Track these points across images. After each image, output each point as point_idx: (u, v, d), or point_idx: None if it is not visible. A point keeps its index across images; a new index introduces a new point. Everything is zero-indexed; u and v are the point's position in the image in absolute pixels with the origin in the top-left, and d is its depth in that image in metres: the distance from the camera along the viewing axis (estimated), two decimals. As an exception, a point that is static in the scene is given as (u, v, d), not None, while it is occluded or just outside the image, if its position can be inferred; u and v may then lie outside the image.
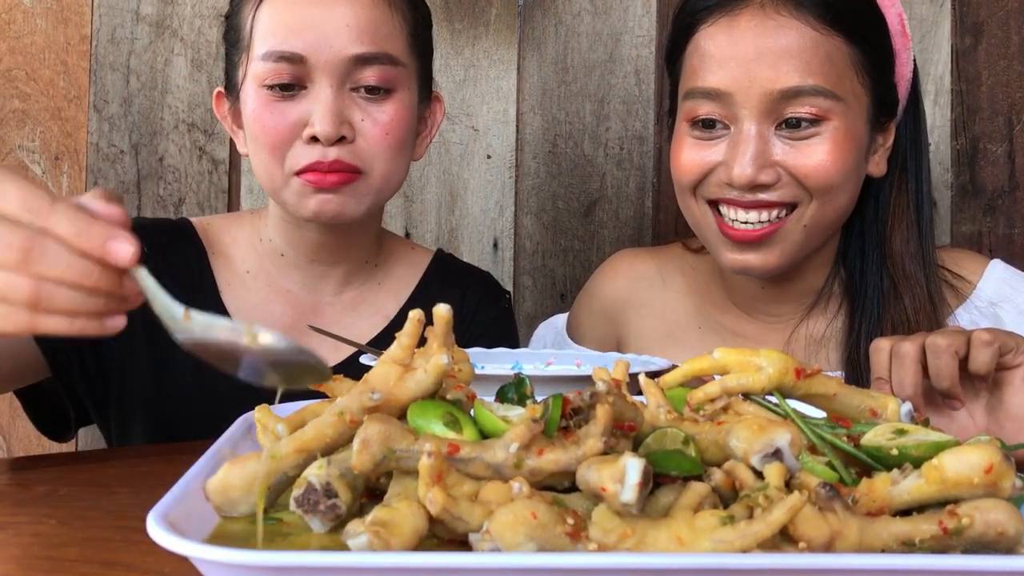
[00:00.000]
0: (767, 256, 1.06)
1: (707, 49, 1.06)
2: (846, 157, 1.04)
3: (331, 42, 1.11)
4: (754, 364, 0.63)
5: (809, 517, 0.51)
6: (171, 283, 1.26)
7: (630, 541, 0.51)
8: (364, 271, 1.30)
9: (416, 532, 0.52)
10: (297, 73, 1.12)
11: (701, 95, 1.06)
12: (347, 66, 1.12)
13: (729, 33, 1.04)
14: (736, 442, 0.57)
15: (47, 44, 1.65)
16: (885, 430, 0.59)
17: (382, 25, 1.14)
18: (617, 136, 1.70)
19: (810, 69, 1.01)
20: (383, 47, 1.14)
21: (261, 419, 0.65)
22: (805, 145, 1.03)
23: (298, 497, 0.55)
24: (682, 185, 1.10)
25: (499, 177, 1.70)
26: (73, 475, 0.87)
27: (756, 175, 1.02)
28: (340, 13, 1.12)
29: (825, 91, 1.02)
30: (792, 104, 1.02)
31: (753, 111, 1.03)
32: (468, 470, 0.56)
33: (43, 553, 0.63)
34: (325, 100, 1.11)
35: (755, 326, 1.19)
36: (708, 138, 1.07)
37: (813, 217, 1.05)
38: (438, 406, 0.60)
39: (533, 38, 1.70)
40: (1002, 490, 0.53)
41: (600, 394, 0.57)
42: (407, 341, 0.61)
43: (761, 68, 1.02)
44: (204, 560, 0.50)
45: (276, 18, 1.13)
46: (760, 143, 1.02)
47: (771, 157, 1.03)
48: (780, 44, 1.02)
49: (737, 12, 1.04)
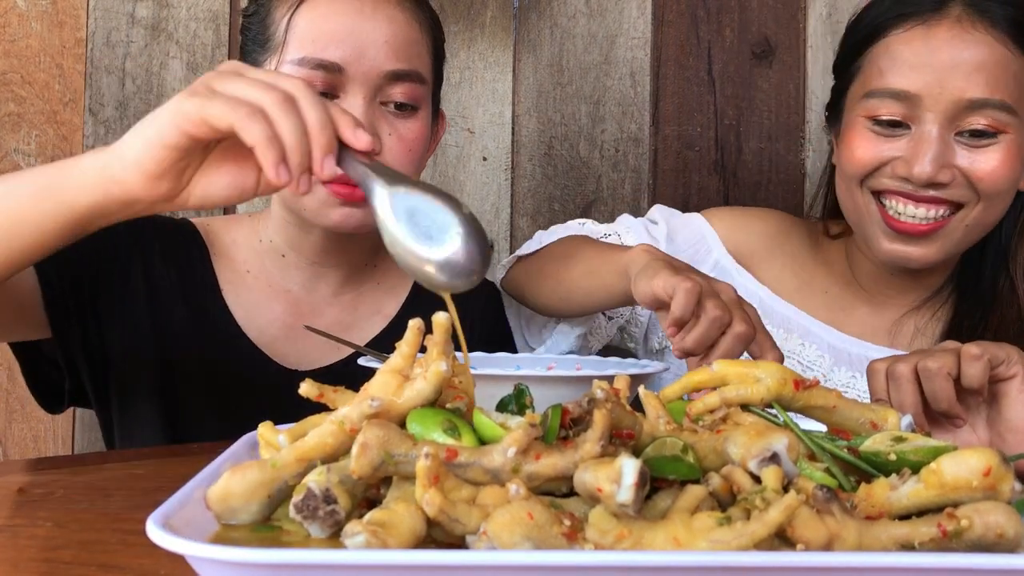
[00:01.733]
0: (927, 250, 1.13)
1: (900, 53, 1.12)
2: (1016, 168, 1.12)
3: (369, 56, 1.13)
4: (752, 376, 0.64)
5: (807, 519, 0.51)
6: (177, 280, 1.26)
7: (627, 542, 0.51)
8: (363, 272, 1.31)
9: (414, 533, 0.52)
10: (332, 82, 1.13)
11: (889, 95, 1.12)
12: (381, 81, 1.14)
13: (926, 40, 1.11)
14: (734, 448, 0.57)
15: (42, 47, 1.65)
16: (884, 438, 0.59)
17: (414, 44, 1.18)
18: (612, 138, 1.70)
19: (998, 84, 1.09)
20: (414, 65, 1.17)
21: (265, 435, 0.65)
22: (982, 152, 1.10)
23: (297, 503, 0.56)
24: (852, 175, 1.16)
25: (495, 179, 1.70)
26: (69, 478, 0.87)
27: (935, 174, 1.09)
28: (380, 29, 1.14)
29: (1008, 107, 1.10)
30: (975, 114, 1.09)
31: (939, 115, 1.09)
32: (466, 475, 0.56)
33: (39, 556, 0.63)
34: (358, 112, 1.12)
35: (869, 307, 1.26)
36: (888, 135, 1.13)
37: (976, 218, 1.13)
38: (437, 413, 0.60)
39: (528, 40, 1.70)
40: (1001, 494, 0.53)
41: (598, 400, 0.57)
42: (407, 350, 0.62)
43: (954, 77, 1.09)
44: (200, 558, 0.50)
45: (317, 25, 1.14)
46: (941, 145, 1.09)
47: (950, 160, 1.10)
48: (974, 56, 1.09)
49: (936, 22, 1.11)
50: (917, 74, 1.10)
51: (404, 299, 1.31)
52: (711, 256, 1.31)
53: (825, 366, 1.23)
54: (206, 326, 1.23)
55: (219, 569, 0.50)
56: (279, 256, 1.27)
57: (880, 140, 1.13)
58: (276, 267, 1.27)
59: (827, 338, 1.25)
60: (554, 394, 0.84)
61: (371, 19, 1.14)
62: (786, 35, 1.69)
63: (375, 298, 1.31)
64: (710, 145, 1.71)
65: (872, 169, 1.13)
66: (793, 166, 1.70)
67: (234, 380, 1.21)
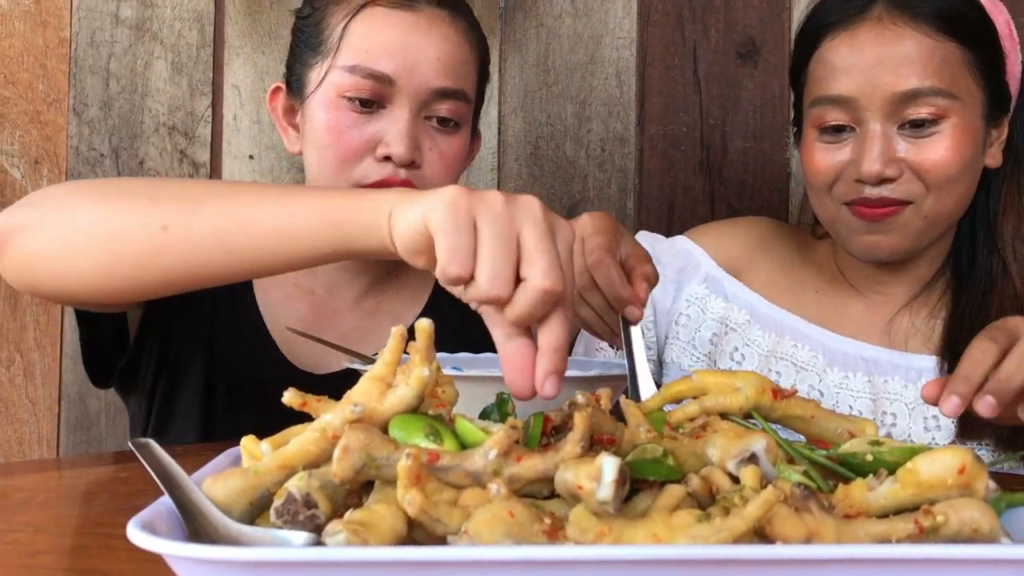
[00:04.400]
0: (893, 239, 1.15)
1: (831, 60, 1.16)
2: (964, 151, 1.13)
3: (420, 70, 1.15)
4: (731, 385, 0.65)
5: (785, 517, 0.51)
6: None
7: (607, 539, 0.51)
8: (385, 281, 1.32)
9: (394, 532, 0.53)
10: (381, 92, 1.15)
11: (828, 102, 1.15)
12: (429, 96, 1.16)
13: (851, 44, 1.14)
14: (713, 450, 0.58)
15: (25, 47, 1.64)
16: (860, 442, 0.60)
17: (463, 64, 1.20)
18: (599, 138, 1.70)
19: (927, 72, 1.11)
20: (462, 84, 1.19)
21: (248, 448, 0.65)
22: (927, 143, 1.12)
23: (278, 507, 0.56)
24: (817, 187, 1.19)
25: (481, 179, 1.70)
26: (51, 482, 0.86)
27: (883, 169, 1.11)
28: (433, 46, 1.17)
29: (942, 91, 1.11)
30: (912, 105, 1.11)
31: (877, 113, 1.12)
32: (448, 478, 0.56)
33: (19, 561, 0.62)
34: (403, 123, 1.15)
35: (862, 305, 1.27)
36: (836, 141, 1.16)
37: (932, 208, 1.14)
38: (419, 419, 0.60)
39: (514, 40, 1.70)
40: (976, 491, 0.54)
41: (579, 404, 0.58)
42: (389, 357, 0.62)
43: (882, 74, 1.11)
44: (180, 558, 0.50)
45: (372, 36, 1.16)
46: (884, 141, 1.12)
47: (895, 154, 1.12)
48: (899, 51, 1.12)
49: (857, 26, 1.15)
50: (848, 78, 1.13)
51: (421, 310, 1.32)
52: (700, 271, 1.32)
53: (819, 366, 1.24)
54: (241, 322, 1.25)
55: (198, 568, 0.50)
56: None
57: (830, 149, 1.16)
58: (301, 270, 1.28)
59: (820, 338, 1.25)
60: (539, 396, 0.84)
61: (425, 35, 1.17)
62: (771, 35, 1.69)
63: (394, 306, 1.32)
64: (696, 145, 1.71)
65: (832, 179, 1.16)
66: (778, 165, 1.71)
67: (253, 380, 1.22)
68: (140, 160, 1.66)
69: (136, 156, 1.67)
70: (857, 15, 1.15)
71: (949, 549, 0.50)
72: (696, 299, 1.30)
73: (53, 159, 1.65)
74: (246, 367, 1.22)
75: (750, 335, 1.27)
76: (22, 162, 1.64)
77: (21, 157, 1.64)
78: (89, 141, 1.65)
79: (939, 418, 1.17)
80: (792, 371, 1.25)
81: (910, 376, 1.20)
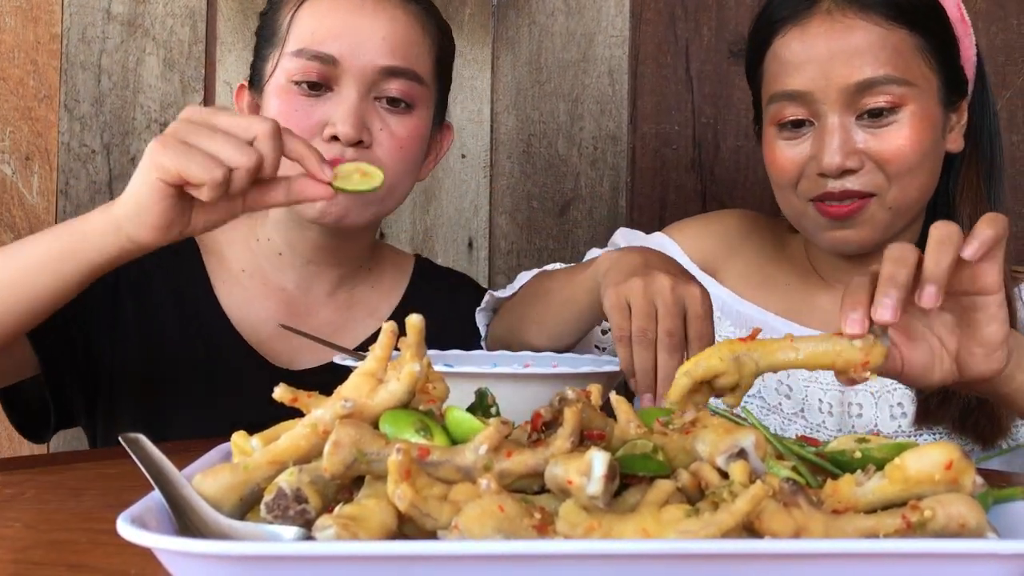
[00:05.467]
0: (859, 232, 1.14)
1: (784, 56, 1.15)
2: (923, 138, 1.12)
3: (365, 50, 1.15)
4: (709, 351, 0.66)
5: (774, 512, 0.52)
6: (165, 280, 1.25)
7: (596, 534, 0.51)
8: (358, 275, 1.32)
9: (384, 527, 0.53)
10: (327, 74, 1.15)
11: (784, 97, 1.15)
12: (375, 75, 1.16)
13: (802, 39, 1.14)
14: (702, 445, 0.58)
15: (16, 43, 1.64)
16: (848, 439, 0.60)
17: (413, 44, 1.19)
18: (591, 136, 1.71)
19: (880, 61, 1.11)
20: (411, 64, 1.18)
21: (238, 443, 0.65)
22: (886, 132, 1.11)
23: (268, 502, 0.56)
24: (781, 184, 1.18)
25: (473, 177, 1.70)
26: (40, 477, 0.86)
27: (844, 161, 1.10)
28: (379, 26, 1.17)
29: (897, 79, 1.11)
30: (869, 95, 1.10)
31: (834, 105, 1.11)
32: (438, 473, 0.56)
33: (8, 557, 0.62)
34: (349, 103, 1.14)
35: (831, 297, 1.26)
36: (796, 137, 1.15)
37: (896, 199, 1.13)
38: (410, 415, 0.61)
39: (507, 38, 1.70)
40: (963, 487, 0.54)
41: (569, 400, 0.58)
42: (381, 353, 0.62)
43: (835, 66, 1.11)
44: (170, 551, 0.50)
45: (316, 20, 1.17)
46: (843, 133, 1.11)
47: (855, 145, 1.11)
48: (850, 43, 1.11)
49: (806, 20, 1.14)
50: (801, 73, 1.13)
51: (398, 302, 1.32)
52: None
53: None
54: (197, 325, 1.23)
55: (188, 563, 0.50)
56: (276, 254, 1.27)
57: (791, 144, 1.15)
58: (272, 265, 1.28)
59: (788, 331, 1.24)
60: (530, 391, 0.85)
61: (371, 16, 1.17)
62: (763, 34, 1.70)
63: (369, 300, 1.32)
64: (688, 143, 1.72)
65: (795, 175, 1.15)
66: (770, 164, 1.71)
67: (225, 379, 1.21)
68: (131, 157, 1.66)
69: (128, 152, 1.66)
70: (806, 9, 1.14)
71: (936, 544, 0.50)
72: None
73: (44, 155, 1.64)
74: (218, 368, 1.21)
75: (721, 331, 1.25)
76: (13, 158, 1.64)
77: (12, 153, 1.64)
78: (80, 137, 1.65)
79: (903, 405, 1.17)
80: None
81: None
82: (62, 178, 1.65)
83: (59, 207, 1.66)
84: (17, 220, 1.66)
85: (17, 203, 1.66)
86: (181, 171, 0.85)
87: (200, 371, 1.21)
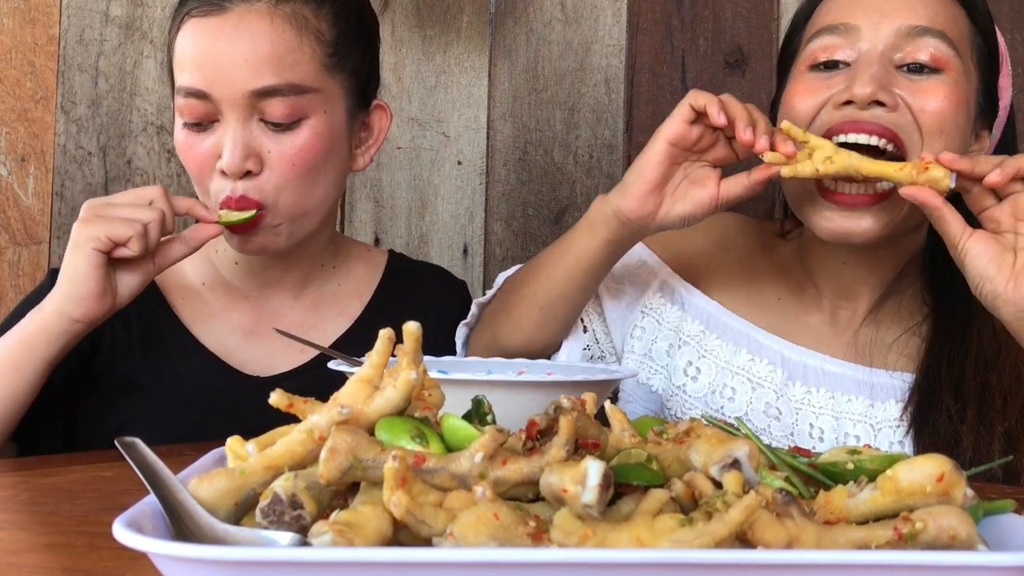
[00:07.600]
0: (868, 222, 1.07)
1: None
2: (959, 110, 1.08)
3: (231, 77, 1.11)
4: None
5: (767, 522, 0.52)
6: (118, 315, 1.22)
7: (591, 543, 0.52)
8: (322, 273, 1.30)
9: (380, 534, 0.53)
10: (204, 109, 1.13)
11: (827, 31, 1.10)
12: (249, 100, 1.12)
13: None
14: (696, 456, 0.59)
15: (14, 44, 1.64)
16: (840, 451, 0.61)
17: (287, 55, 1.13)
18: (587, 144, 1.71)
19: (939, 19, 1.08)
20: (287, 78, 1.12)
21: (233, 448, 0.65)
22: (927, 84, 1.07)
23: (264, 508, 0.56)
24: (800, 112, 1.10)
25: (469, 183, 1.71)
26: (35, 480, 0.86)
27: (876, 91, 1.05)
28: (241, 47, 1.11)
29: (950, 39, 1.08)
30: (915, 44, 1.07)
31: (880, 44, 1.07)
32: (434, 481, 0.56)
33: (2, 559, 0.62)
34: (232, 134, 1.12)
35: (823, 315, 1.20)
36: (827, 77, 1.10)
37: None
38: (406, 422, 0.61)
39: (504, 46, 1.71)
40: (954, 499, 0.55)
41: (564, 408, 0.58)
42: (377, 360, 0.62)
43: (894, 4, 1.08)
44: (165, 556, 0.50)
45: (186, 51, 1.14)
46: (882, 69, 1.06)
47: (892, 84, 1.07)
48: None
49: None
50: (855, 6, 1.10)
51: (368, 300, 1.31)
52: (656, 278, 1.25)
53: (777, 381, 1.15)
54: (156, 345, 1.22)
55: (184, 567, 0.51)
56: (232, 264, 1.27)
57: (819, 82, 1.09)
58: (231, 274, 1.27)
59: (779, 350, 1.17)
60: (524, 399, 0.85)
61: (231, 39, 1.11)
62: (759, 44, 1.70)
63: (337, 299, 1.30)
64: (683, 152, 1.72)
65: (812, 112, 1.09)
66: (765, 174, 1.72)
67: (194, 393, 1.20)
68: (128, 159, 1.66)
69: (124, 155, 1.66)
70: None
71: (927, 555, 0.51)
72: (651, 309, 1.24)
73: (40, 157, 1.64)
74: (186, 384, 1.20)
75: (706, 345, 1.19)
76: (9, 159, 1.63)
77: (8, 154, 1.64)
78: (77, 139, 1.65)
79: (904, 443, 1.10)
80: (747, 388, 1.16)
81: (875, 395, 1.12)
82: (58, 180, 1.65)
83: (54, 209, 1.66)
84: (12, 222, 1.66)
85: (12, 204, 1.66)
86: (108, 234, 1.03)
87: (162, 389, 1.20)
